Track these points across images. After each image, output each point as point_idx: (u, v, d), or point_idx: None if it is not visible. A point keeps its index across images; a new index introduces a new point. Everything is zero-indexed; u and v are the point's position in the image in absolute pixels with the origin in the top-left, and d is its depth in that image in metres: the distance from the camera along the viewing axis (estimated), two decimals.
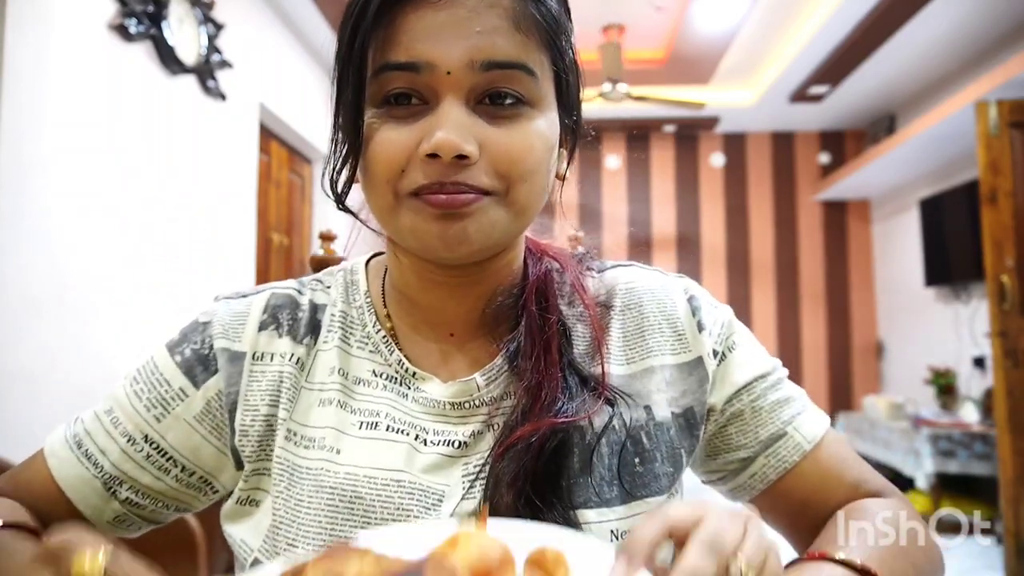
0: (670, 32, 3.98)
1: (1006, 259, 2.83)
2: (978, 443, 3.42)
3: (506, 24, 0.47)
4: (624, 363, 0.55)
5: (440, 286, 0.54)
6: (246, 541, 0.52)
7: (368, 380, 0.54)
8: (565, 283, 0.58)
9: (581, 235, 1.04)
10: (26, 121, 1.73)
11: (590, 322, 0.56)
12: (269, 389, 0.54)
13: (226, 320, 0.56)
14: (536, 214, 0.52)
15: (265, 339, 0.55)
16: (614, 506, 0.50)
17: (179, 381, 0.54)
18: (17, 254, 1.70)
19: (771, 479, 0.56)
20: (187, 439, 0.54)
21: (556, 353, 0.52)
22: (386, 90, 0.47)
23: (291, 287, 0.60)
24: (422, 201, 0.47)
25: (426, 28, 0.46)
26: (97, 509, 0.54)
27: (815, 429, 0.56)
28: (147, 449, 0.54)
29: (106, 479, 0.54)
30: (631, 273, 0.60)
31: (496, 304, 0.55)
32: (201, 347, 0.55)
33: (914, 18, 3.40)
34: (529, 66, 0.47)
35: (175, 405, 0.54)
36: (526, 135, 0.48)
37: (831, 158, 5.31)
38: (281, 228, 3.46)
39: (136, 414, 0.54)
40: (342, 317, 0.57)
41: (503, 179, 0.47)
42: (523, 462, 0.47)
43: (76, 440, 0.54)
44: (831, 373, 5.22)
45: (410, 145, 0.46)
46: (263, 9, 3.15)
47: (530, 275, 0.57)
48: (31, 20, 1.74)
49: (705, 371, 0.56)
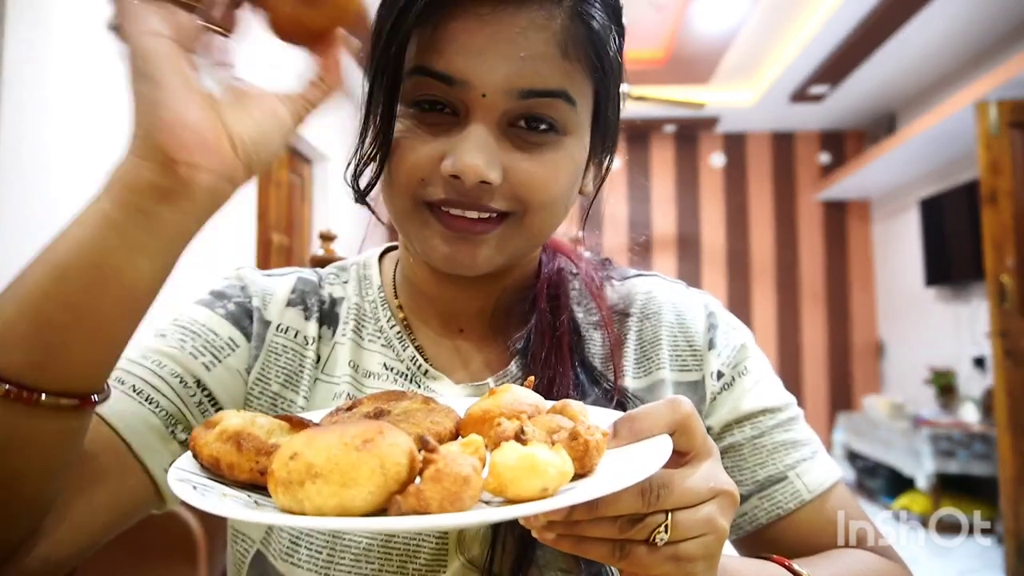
0: (670, 32, 3.98)
1: (1006, 259, 2.83)
2: (978, 443, 3.42)
3: (553, 51, 0.44)
4: (639, 375, 0.54)
5: (451, 282, 0.53)
6: (246, 533, 0.51)
7: (378, 374, 0.53)
8: (579, 286, 0.57)
9: (582, 236, 1.04)
10: (26, 121, 1.73)
11: (606, 331, 0.55)
12: (286, 369, 0.52)
13: (258, 287, 0.55)
14: (549, 236, 0.51)
15: (292, 315, 0.54)
16: None
17: (228, 331, 0.52)
18: (18, 254, 1.70)
19: (761, 523, 0.53)
20: (237, 392, 0.51)
21: (567, 351, 0.51)
22: (419, 93, 0.46)
23: (313, 275, 0.58)
24: (438, 216, 0.46)
25: (469, 42, 0.44)
26: (158, 455, 0.46)
27: (820, 479, 0.53)
28: (200, 396, 0.49)
29: (164, 417, 0.47)
30: (652, 283, 0.59)
31: (506, 302, 0.54)
32: (244, 302, 0.54)
33: (914, 18, 3.40)
34: (571, 95, 0.46)
35: (226, 354, 0.51)
36: (553, 165, 0.46)
37: (831, 158, 5.32)
38: (281, 228, 3.46)
39: (185, 357, 0.50)
40: (356, 310, 0.56)
41: (521, 204, 0.46)
42: None
43: (118, 379, 0.47)
44: (831, 373, 5.22)
45: (435, 157, 0.45)
46: None
47: (542, 274, 0.56)
48: (31, 20, 1.74)
49: (704, 391, 0.54)
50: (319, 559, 0.46)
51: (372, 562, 0.46)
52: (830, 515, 0.52)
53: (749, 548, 0.55)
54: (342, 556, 0.46)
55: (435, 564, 0.46)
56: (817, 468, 0.53)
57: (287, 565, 0.47)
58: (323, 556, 0.46)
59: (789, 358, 5.20)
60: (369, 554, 0.46)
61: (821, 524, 0.52)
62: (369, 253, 0.61)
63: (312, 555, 0.47)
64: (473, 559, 0.46)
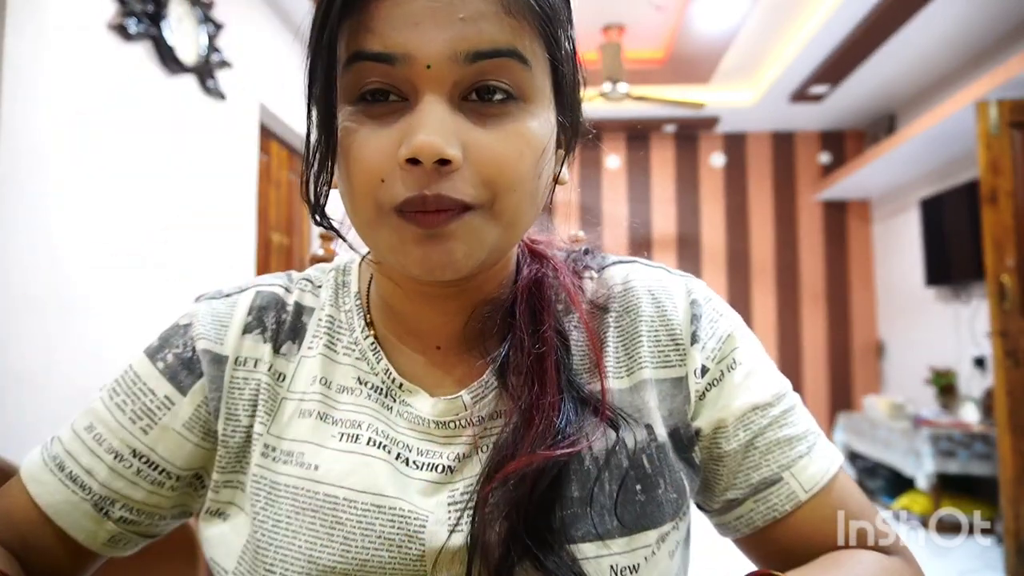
0: (670, 32, 3.98)
1: (1006, 259, 2.83)
2: (978, 443, 3.42)
3: (494, 8, 0.41)
4: (623, 375, 0.51)
5: (423, 297, 0.50)
6: (216, 561, 0.50)
7: (352, 388, 0.50)
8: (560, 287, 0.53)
9: (582, 235, 1.04)
10: (26, 121, 1.73)
11: (586, 333, 0.51)
12: (250, 398, 0.51)
13: (208, 321, 0.52)
14: (530, 224, 0.47)
15: (249, 344, 0.52)
16: (614, 537, 0.45)
17: (164, 389, 0.51)
18: (17, 254, 1.70)
19: (757, 525, 0.51)
20: (178, 448, 0.51)
21: (552, 370, 0.47)
22: (361, 85, 0.42)
23: (278, 284, 0.56)
24: (404, 219, 0.42)
25: (403, 15, 0.40)
26: (90, 533, 0.50)
27: (817, 475, 0.50)
28: (137, 464, 0.50)
29: (96, 500, 0.50)
30: (631, 270, 0.55)
31: (481, 316, 0.50)
32: (184, 350, 0.52)
33: (914, 18, 3.40)
34: (521, 52, 0.42)
35: (162, 415, 0.50)
36: (516, 139, 0.42)
37: (831, 158, 5.31)
38: (281, 228, 3.46)
39: (121, 428, 0.50)
40: (329, 322, 0.53)
41: (488, 188, 0.42)
42: (515, 495, 0.43)
43: (57, 463, 0.50)
44: (831, 373, 5.22)
45: (389, 150, 0.41)
46: (263, 9, 3.15)
47: (519, 282, 0.51)
48: (30, 21, 1.74)
49: (688, 389, 0.51)
50: None
51: None
52: (828, 512, 0.49)
53: (748, 548, 0.54)
54: None
55: None
56: (814, 463, 0.50)
57: None
58: None
59: (789, 358, 5.20)
60: None
61: (819, 522, 0.50)
62: (351, 257, 0.57)
63: None
64: None
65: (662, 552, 0.47)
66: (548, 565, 0.43)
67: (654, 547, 0.46)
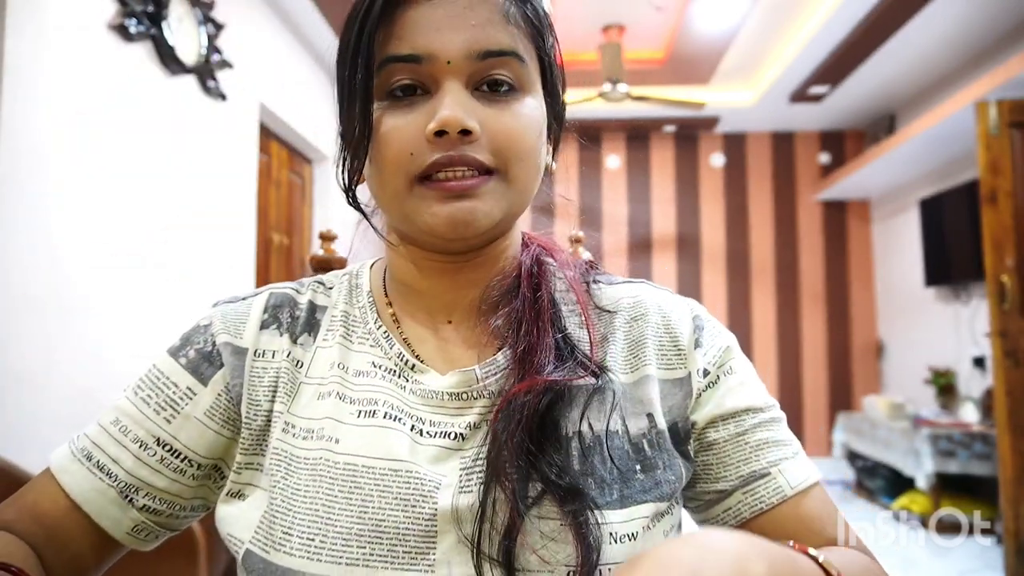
0: (670, 32, 3.98)
1: (1006, 259, 2.83)
2: (978, 443, 3.42)
3: (497, 17, 0.52)
4: (628, 371, 0.56)
5: (439, 273, 0.57)
6: (233, 535, 0.53)
7: (367, 371, 0.56)
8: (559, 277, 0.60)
9: (582, 235, 1.04)
10: (26, 121, 1.73)
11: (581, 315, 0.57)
12: (270, 384, 0.55)
13: (228, 318, 0.58)
14: (532, 196, 0.55)
15: (267, 337, 0.57)
16: (613, 508, 0.50)
17: (186, 381, 0.56)
18: (17, 254, 1.70)
19: (744, 517, 0.54)
20: (200, 436, 0.55)
21: (548, 323, 0.55)
22: (390, 83, 0.51)
23: (289, 287, 0.62)
24: (431, 187, 0.50)
25: (426, 22, 0.50)
26: (115, 521, 0.54)
27: (802, 478, 0.55)
28: (160, 452, 0.55)
29: (122, 488, 0.54)
30: (641, 289, 0.61)
31: (493, 290, 0.57)
32: (204, 346, 0.57)
33: (914, 18, 3.40)
34: (520, 53, 0.52)
35: (184, 404, 0.55)
36: (520, 118, 0.52)
37: (831, 158, 5.32)
38: (281, 228, 3.46)
39: (146, 419, 0.55)
40: (343, 317, 0.59)
41: (501, 157, 0.51)
42: (521, 418, 0.49)
43: (85, 454, 0.55)
44: (831, 373, 5.22)
45: (418, 127, 0.50)
46: (263, 9, 3.15)
47: (523, 263, 0.59)
48: (31, 21, 1.74)
49: (691, 387, 0.56)
50: (311, 545, 0.48)
51: (363, 546, 0.48)
52: (809, 512, 0.54)
53: None
54: (334, 541, 0.48)
55: (425, 546, 0.48)
56: (798, 468, 0.55)
57: (280, 555, 0.49)
58: (315, 543, 0.48)
59: (789, 358, 5.20)
60: (360, 538, 0.48)
61: (801, 520, 0.54)
62: (362, 264, 0.64)
63: (304, 543, 0.48)
64: (465, 537, 0.48)
65: (657, 529, 0.51)
66: (563, 505, 0.47)
67: (650, 522, 0.50)
